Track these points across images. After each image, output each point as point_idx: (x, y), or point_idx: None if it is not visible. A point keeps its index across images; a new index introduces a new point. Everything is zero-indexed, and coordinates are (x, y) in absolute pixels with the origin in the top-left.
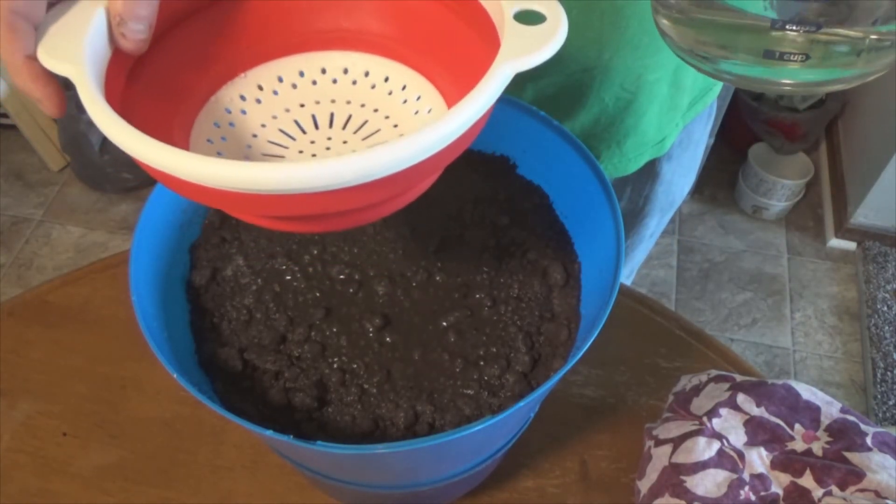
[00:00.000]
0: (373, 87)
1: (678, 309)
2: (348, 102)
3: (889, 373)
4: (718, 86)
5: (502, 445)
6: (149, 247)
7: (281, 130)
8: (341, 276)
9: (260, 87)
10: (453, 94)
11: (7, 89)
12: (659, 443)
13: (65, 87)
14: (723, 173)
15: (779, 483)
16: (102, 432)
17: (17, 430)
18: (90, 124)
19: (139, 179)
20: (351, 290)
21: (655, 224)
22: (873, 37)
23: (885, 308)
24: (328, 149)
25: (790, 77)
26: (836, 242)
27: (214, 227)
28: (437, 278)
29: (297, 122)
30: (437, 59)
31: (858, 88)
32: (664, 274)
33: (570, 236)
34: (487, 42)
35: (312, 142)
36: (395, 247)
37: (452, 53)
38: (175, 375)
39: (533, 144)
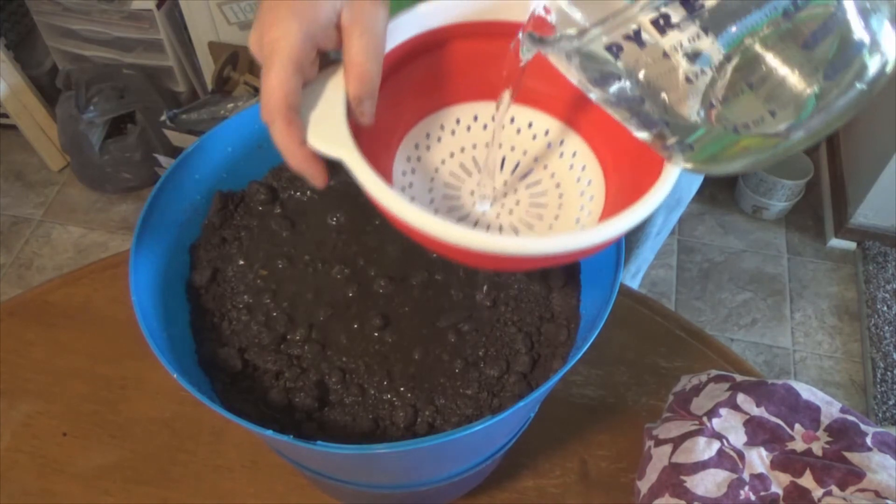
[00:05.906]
0: (549, 146)
1: (678, 309)
2: (525, 153)
3: (889, 373)
4: None
5: (502, 445)
6: (149, 247)
7: (461, 165)
8: (341, 276)
9: (442, 127)
10: (609, 164)
11: (7, 89)
12: (659, 443)
13: None
14: None
15: (779, 483)
16: (102, 432)
17: (17, 430)
18: (90, 124)
19: (139, 179)
20: (351, 291)
21: (662, 221)
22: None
23: (885, 308)
24: (494, 188)
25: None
26: (836, 242)
27: (214, 227)
28: (437, 278)
29: (474, 160)
30: (603, 134)
31: None
32: (664, 274)
33: None
34: None
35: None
36: (395, 247)
37: (618, 132)
38: (175, 375)
39: None
